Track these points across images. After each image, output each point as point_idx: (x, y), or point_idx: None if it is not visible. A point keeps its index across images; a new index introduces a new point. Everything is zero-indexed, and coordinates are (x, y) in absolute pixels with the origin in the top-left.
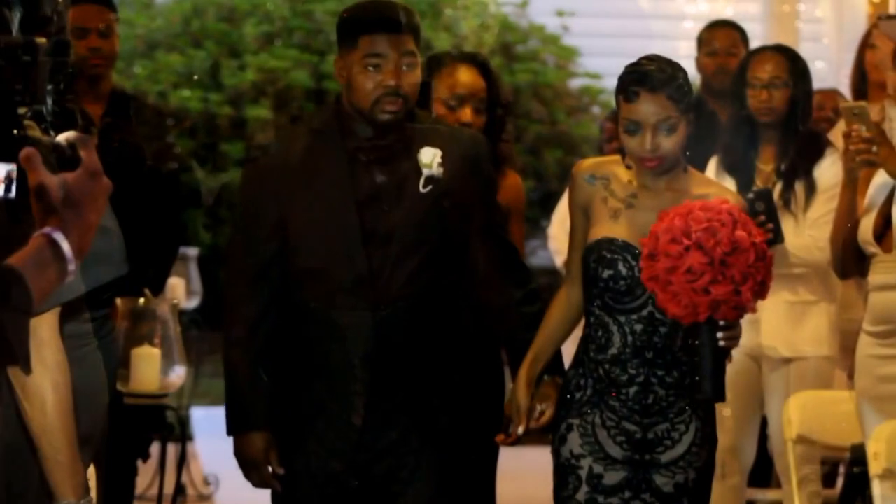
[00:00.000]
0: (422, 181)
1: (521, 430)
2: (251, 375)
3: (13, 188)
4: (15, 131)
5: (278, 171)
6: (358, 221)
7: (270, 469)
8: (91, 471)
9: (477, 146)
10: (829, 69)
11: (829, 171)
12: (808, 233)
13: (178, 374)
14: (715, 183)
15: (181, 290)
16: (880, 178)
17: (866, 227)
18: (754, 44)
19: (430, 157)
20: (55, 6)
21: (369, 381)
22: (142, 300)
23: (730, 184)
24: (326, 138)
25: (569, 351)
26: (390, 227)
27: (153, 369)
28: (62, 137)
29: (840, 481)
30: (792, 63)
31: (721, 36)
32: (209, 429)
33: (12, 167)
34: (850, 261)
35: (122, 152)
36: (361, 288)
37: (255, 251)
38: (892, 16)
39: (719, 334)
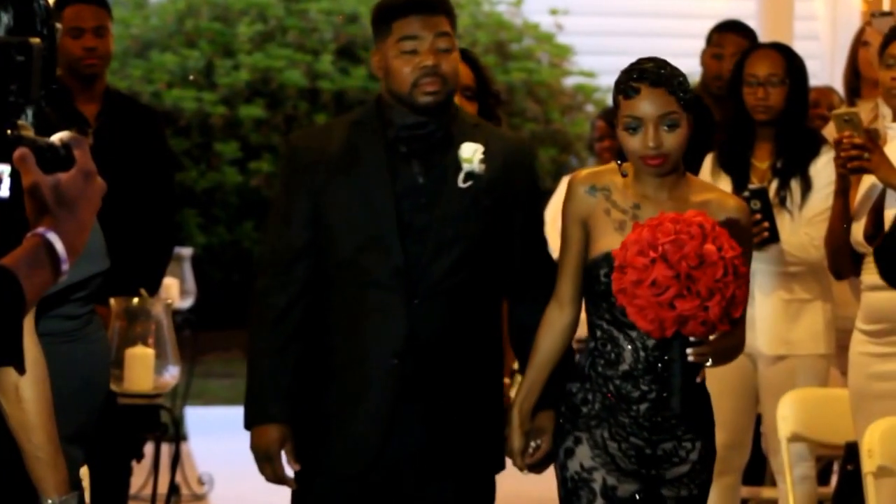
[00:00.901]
0: (461, 176)
1: (522, 472)
2: (273, 367)
3: (4, 188)
4: (9, 132)
5: (316, 162)
6: (395, 214)
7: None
8: (84, 470)
9: (523, 150)
10: (824, 67)
11: (825, 169)
12: (804, 230)
13: (172, 373)
14: (715, 188)
15: (175, 290)
16: (871, 179)
17: (857, 228)
18: None
19: (470, 152)
20: (46, 18)
21: (400, 377)
22: (136, 300)
23: (725, 182)
24: (366, 130)
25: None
26: (427, 220)
27: (147, 369)
28: (56, 138)
29: (834, 479)
30: (788, 61)
31: (729, 42)
32: (203, 428)
33: (6, 167)
34: (844, 262)
35: (116, 152)
36: (397, 281)
37: (288, 241)
38: (885, 13)
39: (689, 350)
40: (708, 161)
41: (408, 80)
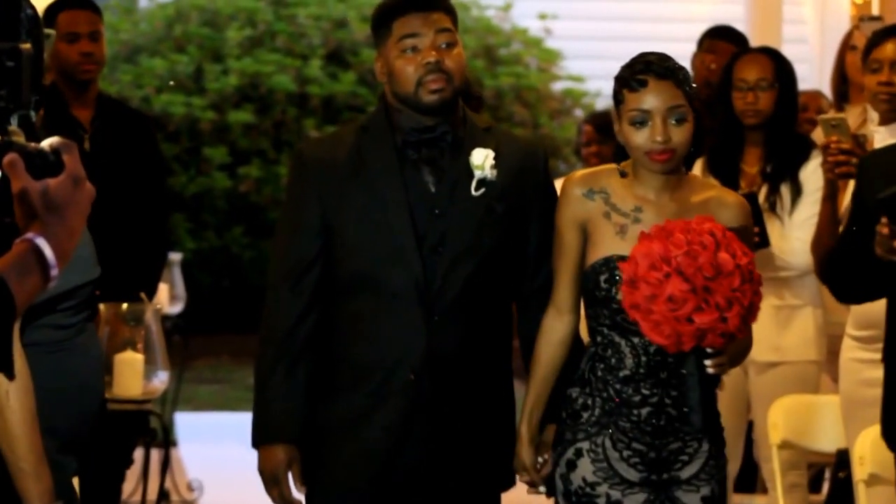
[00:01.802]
0: (474, 184)
1: (537, 487)
2: (282, 384)
3: None
4: None
5: (325, 170)
6: (411, 225)
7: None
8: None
9: (536, 154)
10: (813, 71)
11: (814, 173)
12: (794, 235)
13: (162, 379)
14: (713, 185)
15: (164, 296)
16: None
17: None
18: None
19: (481, 159)
20: (31, 29)
21: (415, 392)
22: (125, 305)
23: None
24: (374, 136)
25: None
26: (441, 232)
27: (136, 374)
28: (46, 143)
29: (826, 486)
30: (778, 65)
31: (721, 49)
32: (193, 434)
33: None
34: None
35: (110, 157)
36: (416, 294)
37: (298, 252)
38: (874, 17)
39: (707, 362)
40: (698, 166)
41: (411, 79)
